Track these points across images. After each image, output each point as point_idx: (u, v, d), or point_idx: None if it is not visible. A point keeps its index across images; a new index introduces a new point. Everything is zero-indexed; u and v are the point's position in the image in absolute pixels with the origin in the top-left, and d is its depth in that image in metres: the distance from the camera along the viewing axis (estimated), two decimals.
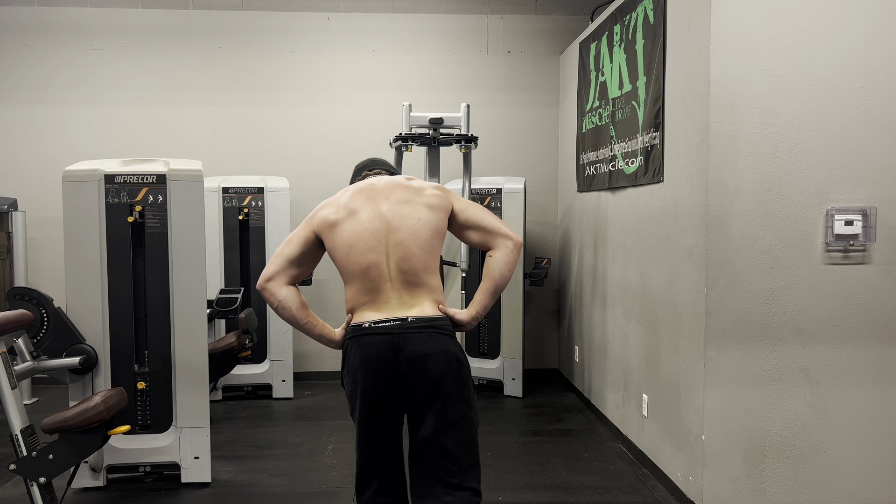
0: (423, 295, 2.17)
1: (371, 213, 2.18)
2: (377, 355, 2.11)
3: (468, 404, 2.17)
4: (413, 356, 2.09)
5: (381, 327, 2.12)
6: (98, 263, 3.43)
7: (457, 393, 2.13)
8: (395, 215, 2.18)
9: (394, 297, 2.15)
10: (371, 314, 2.15)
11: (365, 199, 2.23)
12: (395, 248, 2.15)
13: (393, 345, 2.10)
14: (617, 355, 4.31)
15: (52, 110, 5.66)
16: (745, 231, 3.07)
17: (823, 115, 3.05)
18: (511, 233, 2.28)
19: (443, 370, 2.11)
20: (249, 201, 5.21)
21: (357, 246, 2.15)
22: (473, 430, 2.17)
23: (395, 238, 2.15)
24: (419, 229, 2.17)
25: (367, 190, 2.26)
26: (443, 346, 2.13)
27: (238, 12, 5.73)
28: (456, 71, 5.83)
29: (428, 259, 2.18)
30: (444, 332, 2.15)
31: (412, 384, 2.11)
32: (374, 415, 2.15)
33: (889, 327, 3.12)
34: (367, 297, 2.17)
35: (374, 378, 2.11)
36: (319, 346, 5.80)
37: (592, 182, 4.76)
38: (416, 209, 2.20)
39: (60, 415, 2.96)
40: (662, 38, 3.52)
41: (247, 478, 3.71)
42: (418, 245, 2.16)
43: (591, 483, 3.63)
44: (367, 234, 2.16)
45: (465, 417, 2.15)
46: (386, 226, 2.16)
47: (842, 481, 3.13)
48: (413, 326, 2.12)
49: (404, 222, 2.17)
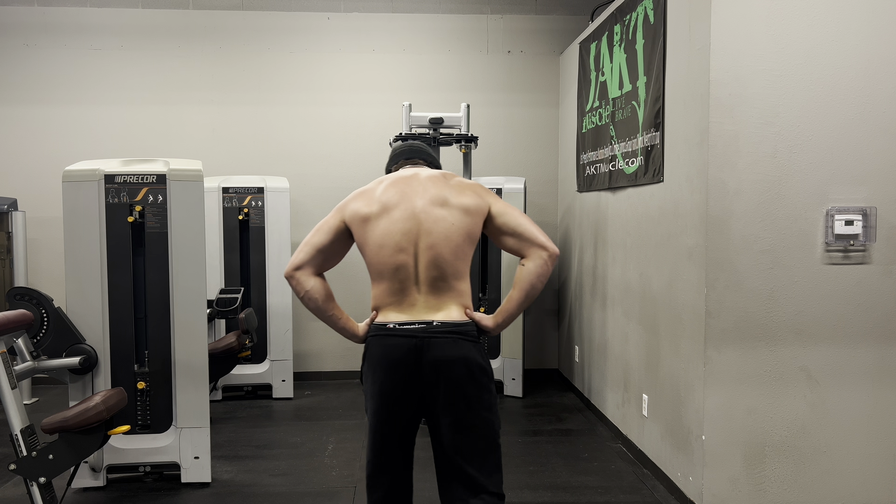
0: (451, 299, 2.14)
1: (404, 212, 2.12)
2: (399, 357, 2.08)
3: (489, 409, 2.14)
4: (436, 361, 2.07)
5: (405, 329, 2.09)
6: (98, 263, 3.43)
7: (477, 398, 2.11)
8: (429, 217, 2.12)
9: (420, 300, 2.12)
10: (396, 315, 2.12)
11: (399, 194, 2.15)
12: (425, 251, 2.10)
13: (416, 348, 2.08)
14: (617, 355, 4.31)
15: (52, 110, 5.66)
16: (745, 231, 3.07)
17: (823, 115, 3.05)
18: (547, 242, 2.17)
19: (464, 377, 2.08)
20: (249, 201, 5.21)
21: (387, 245, 2.11)
22: (495, 434, 2.15)
23: (426, 241, 2.10)
24: (452, 234, 2.12)
25: (402, 184, 2.18)
26: (466, 352, 2.10)
27: (238, 12, 5.73)
28: (456, 71, 5.83)
29: (458, 264, 2.14)
30: (469, 339, 2.12)
31: (432, 389, 2.09)
32: (390, 417, 2.13)
33: (889, 327, 3.11)
34: (394, 297, 2.13)
35: (394, 380, 2.09)
36: (320, 346, 5.81)
37: (592, 182, 4.76)
38: (451, 213, 2.13)
39: (60, 415, 2.96)
40: (662, 38, 3.52)
41: (247, 478, 3.71)
42: (450, 250, 2.11)
43: (591, 483, 3.63)
44: (398, 234, 2.11)
45: (487, 422, 2.13)
46: (418, 227, 2.11)
47: (842, 481, 3.13)
48: (438, 331, 2.09)
49: (437, 226, 2.11)
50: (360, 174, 5.71)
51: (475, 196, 2.18)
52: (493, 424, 2.15)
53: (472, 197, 2.18)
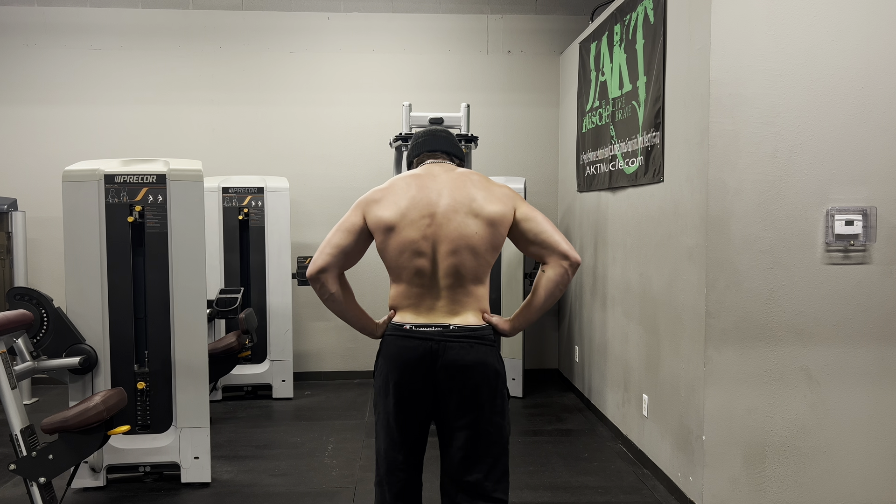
0: (469, 304, 2.13)
1: (426, 218, 2.08)
2: (414, 359, 2.08)
3: (501, 414, 2.14)
4: (451, 365, 2.07)
5: (421, 332, 2.09)
6: (98, 263, 3.42)
7: (491, 403, 2.10)
8: (452, 225, 2.07)
9: (438, 305, 2.11)
10: (413, 317, 2.12)
11: (421, 199, 2.09)
12: (445, 258, 2.08)
13: (432, 351, 2.07)
14: (617, 355, 4.31)
15: (52, 110, 5.66)
16: (746, 231, 3.06)
17: (823, 115, 3.05)
18: (569, 250, 2.11)
19: (479, 382, 2.08)
20: (249, 201, 5.21)
21: (408, 250, 2.08)
22: (505, 440, 2.15)
23: (447, 248, 2.07)
24: (475, 243, 2.09)
25: (424, 189, 2.12)
26: (482, 357, 2.09)
27: (238, 12, 5.73)
28: (456, 71, 5.83)
29: (479, 272, 2.13)
30: (485, 343, 2.12)
31: (446, 393, 2.08)
32: (407, 416, 2.12)
33: (889, 327, 3.11)
34: (412, 300, 2.12)
35: (409, 382, 2.09)
36: (320, 346, 5.82)
37: (592, 182, 4.76)
38: (475, 223, 2.09)
39: (60, 415, 2.96)
40: (662, 38, 3.52)
41: (247, 478, 3.71)
42: (471, 259, 2.09)
43: (591, 483, 3.63)
44: (421, 239, 2.07)
45: (498, 427, 2.13)
46: (440, 233, 2.07)
47: (842, 481, 3.12)
48: (454, 335, 2.08)
49: (459, 233, 2.07)
50: (360, 174, 5.71)
51: (501, 204, 2.12)
52: (504, 430, 2.15)
53: (498, 205, 2.12)
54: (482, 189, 2.13)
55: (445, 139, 2.30)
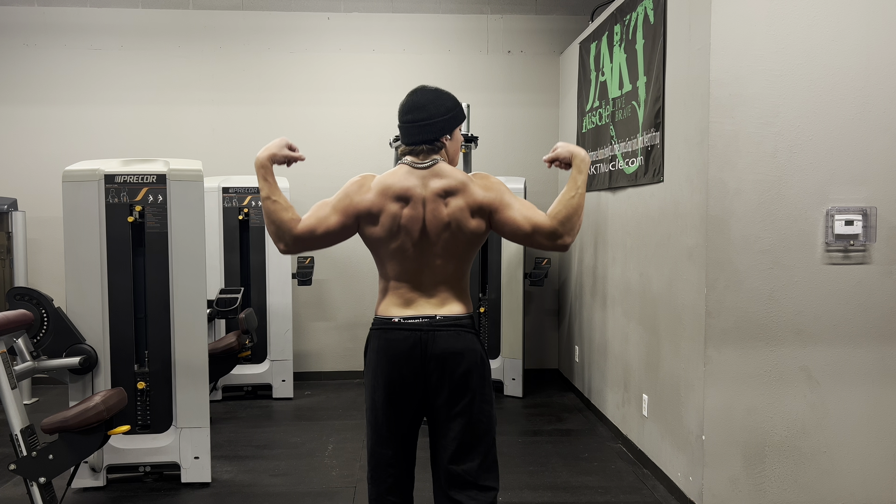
0: (453, 298, 2.17)
1: (412, 212, 2.10)
2: (404, 351, 2.11)
3: (490, 403, 2.19)
4: (441, 354, 2.10)
5: (409, 323, 2.13)
6: (98, 263, 3.43)
7: (481, 391, 2.15)
8: (435, 222, 2.10)
9: (423, 298, 2.16)
10: (399, 310, 2.16)
11: (406, 193, 2.10)
12: (429, 252, 2.12)
13: (421, 341, 2.11)
14: (617, 355, 4.31)
15: (52, 110, 5.66)
16: (745, 231, 3.07)
17: (823, 115, 3.05)
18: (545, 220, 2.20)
19: (470, 368, 2.12)
20: (249, 201, 5.21)
21: (391, 244, 2.12)
22: (494, 429, 2.19)
23: (432, 249, 2.12)
24: (459, 239, 2.13)
25: (409, 182, 2.11)
26: (470, 344, 2.14)
27: (238, 12, 5.73)
28: (456, 71, 5.83)
29: (462, 266, 2.18)
30: (471, 331, 2.17)
31: (437, 382, 2.12)
32: (397, 409, 2.15)
33: (889, 327, 3.11)
34: (396, 293, 2.17)
35: (399, 374, 2.12)
36: (320, 346, 5.82)
37: (592, 182, 4.76)
38: (459, 219, 2.11)
39: (60, 415, 2.96)
40: (662, 38, 3.52)
41: (247, 478, 3.71)
42: (454, 254, 2.14)
43: (591, 483, 3.63)
44: (403, 234, 2.11)
45: (488, 416, 2.17)
46: (424, 229, 2.11)
47: (842, 481, 3.13)
48: (441, 324, 2.13)
49: (443, 229, 2.11)
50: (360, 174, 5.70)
51: (486, 195, 2.14)
52: (493, 419, 2.19)
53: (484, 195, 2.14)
54: (468, 185, 2.14)
55: (428, 127, 2.16)
